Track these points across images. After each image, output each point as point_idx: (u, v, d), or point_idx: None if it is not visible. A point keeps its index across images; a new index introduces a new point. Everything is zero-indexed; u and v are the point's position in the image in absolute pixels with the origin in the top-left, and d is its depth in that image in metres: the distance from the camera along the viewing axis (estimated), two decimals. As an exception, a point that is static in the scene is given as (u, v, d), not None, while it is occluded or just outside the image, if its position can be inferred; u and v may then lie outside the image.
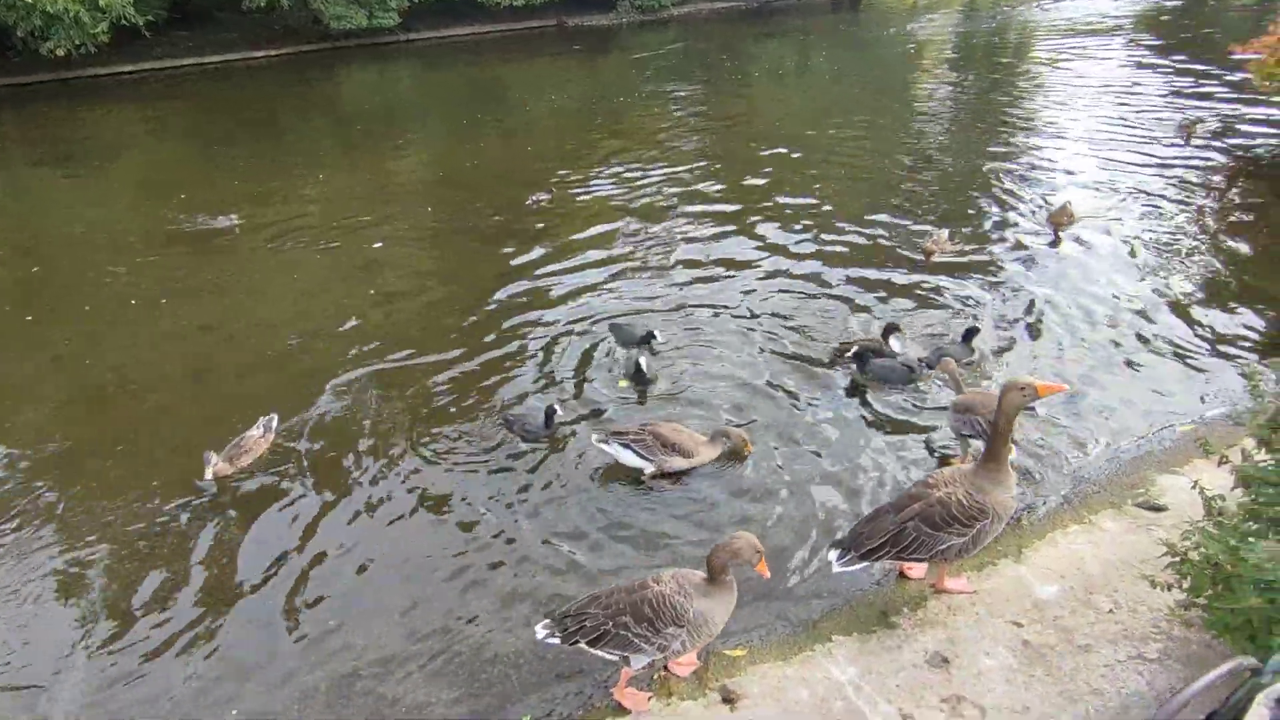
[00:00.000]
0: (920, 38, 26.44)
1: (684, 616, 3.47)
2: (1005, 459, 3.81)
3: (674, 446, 5.43)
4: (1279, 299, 7.17)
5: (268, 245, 10.57)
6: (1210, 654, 3.54)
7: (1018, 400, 3.75)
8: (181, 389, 7.25)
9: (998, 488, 3.79)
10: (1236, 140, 12.13)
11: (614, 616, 3.52)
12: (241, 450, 5.81)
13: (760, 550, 3.51)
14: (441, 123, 18.35)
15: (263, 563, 4.98)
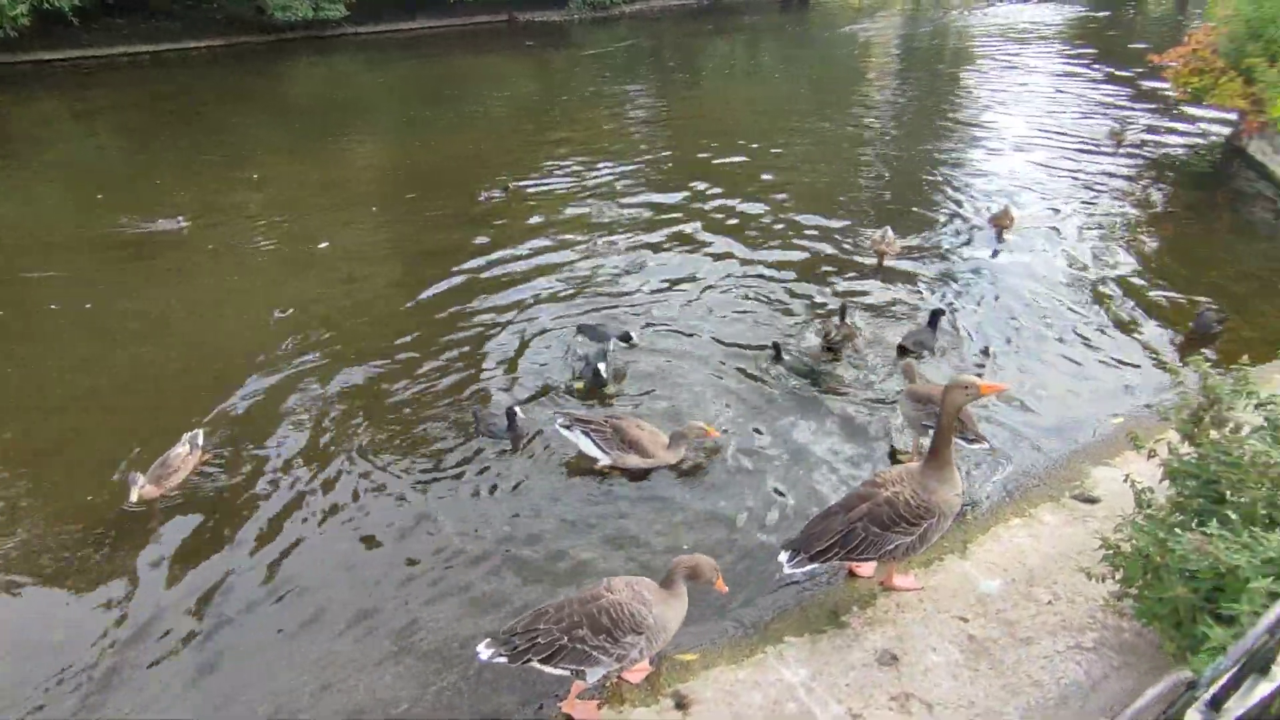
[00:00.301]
0: (865, 40, 26.94)
1: (643, 623, 3.45)
2: (950, 457, 3.89)
3: (632, 444, 5.41)
4: (1197, 296, 7.51)
5: (206, 246, 10.15)
6: (1141, 642, 3.68)
7: (960, 399, 3.84)
8: (107, 402, 6.85)
9: (943, 486, 3.87)
10: (1159, 144, 12.71)
11: (570, 630, 3.43)
12: (168, 470, 5.44)
13: (718, 571, 3.60)
14: (390, 118, 17.93)
15: (196, 586, 4.75)
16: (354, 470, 5.70)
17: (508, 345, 7.42)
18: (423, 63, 24.98)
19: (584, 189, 11.79)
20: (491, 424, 5.98)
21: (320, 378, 6.94)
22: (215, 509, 5.39)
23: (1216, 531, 3.12)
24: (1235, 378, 3.75)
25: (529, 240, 9.92)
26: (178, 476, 5.49)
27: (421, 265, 9.37)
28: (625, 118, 16.49)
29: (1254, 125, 11.23)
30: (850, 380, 6.60)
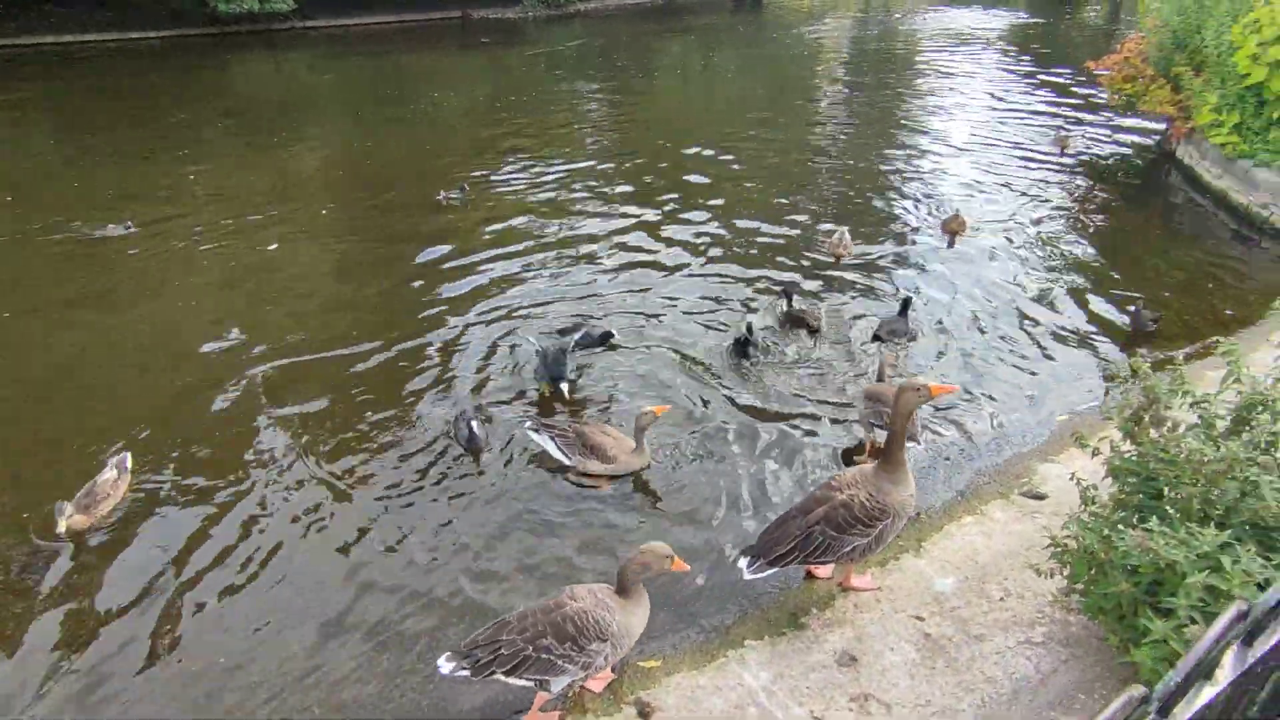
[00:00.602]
0: (816, 41, 27.36)
1: (607, 630, 3.42)
2: (903, 459, 3.96)
3: (594, 449, 5.39)
4: (1134, 295, 7.83)
5: (149, 249, 9.72)
6: (1087, 635, 3.80)
7: (912, 400, 3.92)
8: (36, 418, 6.43)
9: (898, 487, 3.93)
10: (1096, 149, 13.22)
11: (534, 640, 3.38)
12: (96, 497, 5.07)
13: (669, 554, 3.48)
14: (341, 115, 17.48)
15: (133, 620, 4.47)
16: (308, 483, 5.51)
17: (471, 348, 7.28)
18: (375, 59, 24.44)
19: (539, 189, 11.69)
20: (459, 432, 5.86)
21: (270, 386, 6.70)
22: (156, 533, 5.11)
23: (1156, 528, 3.24)
24: (1171, 377, 3.89)
25: (487, 241, 9.78)
26: (108, 503, 5.13)
27: (376, 267, 9.15)
28: (581, 117, 16.41)
29: (1181, 131, 11.76)
30: (813, 377, 6.70)
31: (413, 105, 17.90)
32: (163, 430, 6.11)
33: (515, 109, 17.32)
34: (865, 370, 6.77)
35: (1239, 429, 3.73)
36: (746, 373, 6.73)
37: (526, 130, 15.23)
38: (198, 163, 13.45)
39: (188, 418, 6.29)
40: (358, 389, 6.67)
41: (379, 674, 4.07)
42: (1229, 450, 3.37)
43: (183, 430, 6.11)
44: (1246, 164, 9.95)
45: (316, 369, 6.98)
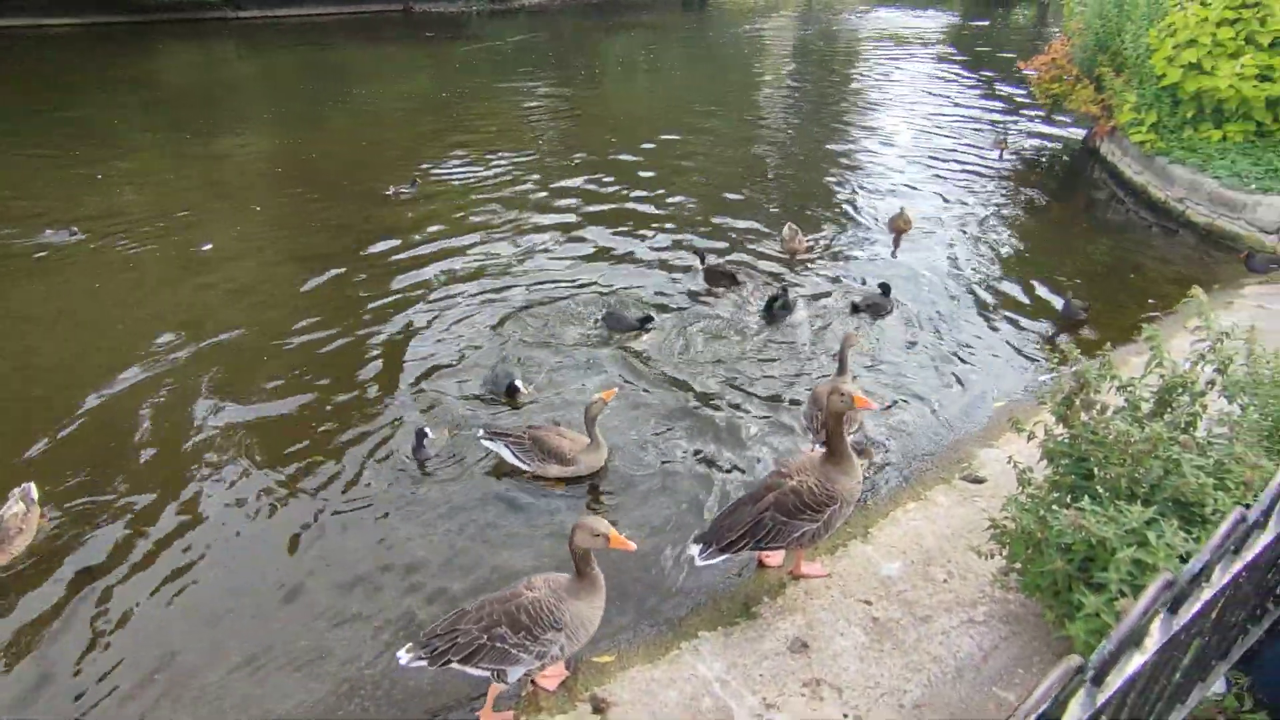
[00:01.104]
0: (760, 39, 27.69)
1: (561, 620, 3.39)
2: (845, 450, 4.04)
3: (552, 453, 5.32)
4: (1064, 286, 8.17)
5: (65, 252, 9.19)
6: (1025, 612, 3.95)
7: (838, 404, 3.98)
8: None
9: (844, 476, 4.02)
10: (1027, 147, 13.74)
11: (489, 629, 3.37)
12: (8, 533, 4.67)
13: (602, 532, 3.32)
14: (277, 109, 16.87)
15: (63, 648, 4.24)
16: (249, 498, 5.29)
17: (419, 351, 7.10)
18: (311, 51, 23.68)
19: (485, 184, 11.53)
20: (415, 447, 5.67)
21: (205, 393, 6.42)
22: (85, 555, 4.81)
23: (1088, 507, 3.38)
24: (1100, 362, 4.06)
25: (432, 237, 9.60)
26: (21, 540, 4.73)
27: (317, 266, 8.85)
28: (526, 112, 16.23)
29: (1104, 129, 12.32)
30: (771, 361, 6.83)
31: (353, 99, 17.42)
32: (90, 446, 5.80)
33: (459, 103, 17.01)
34: (823, 350, 6.91)
35: (1161, 410, 3.92)
36: (700, 376, 6.75)
37: (471, 125, 14.99)
38: (123, 159, 12.80)
39: (119, 432, 5.96)
40: (301, 393, 6.44)
41: (323, 684, 3.95)
42: (1153, 431, 3.53)
43: (113, 446, 5.79)
44: (1163, 161, 10.49)
45: (256, 373, 6.72)
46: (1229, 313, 7.06)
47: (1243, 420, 3.64)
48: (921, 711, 3.47)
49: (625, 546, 3.39)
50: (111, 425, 6.06)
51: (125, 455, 5.72)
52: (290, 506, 5.23)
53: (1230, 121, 10.14)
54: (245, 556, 4.84)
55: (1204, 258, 9.17)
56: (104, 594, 4.55)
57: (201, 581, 4.64)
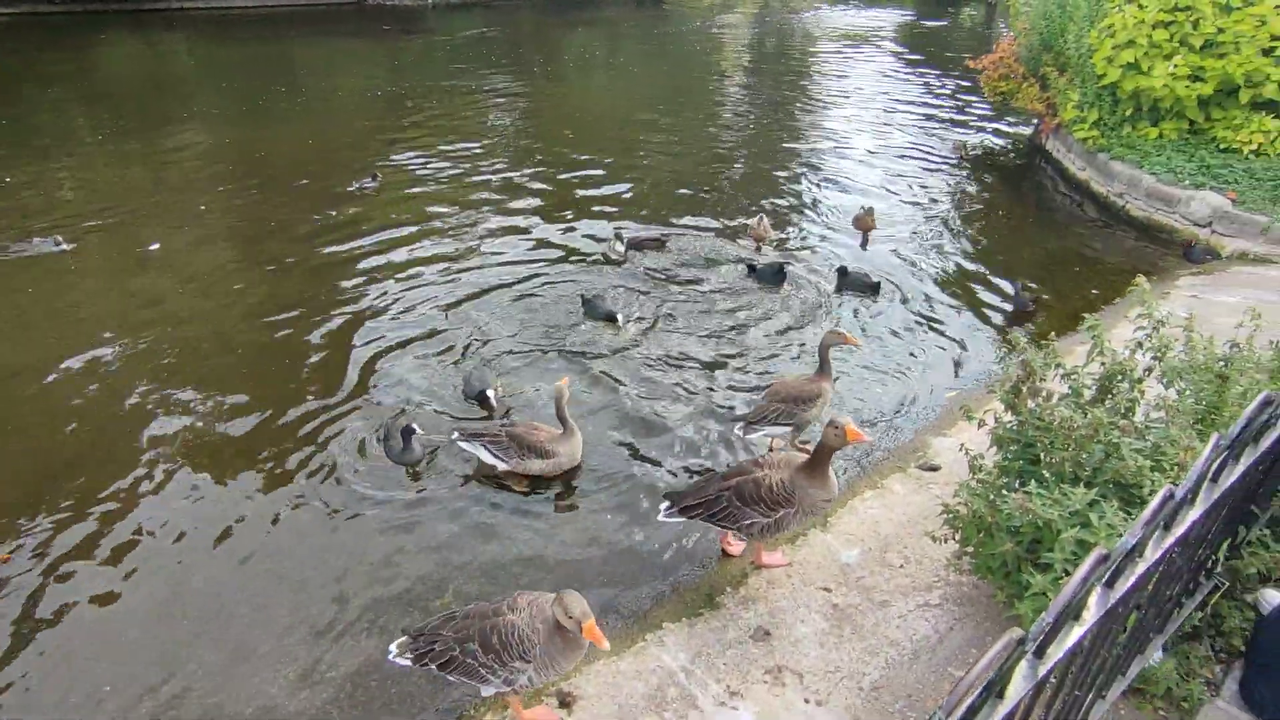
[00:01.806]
0: (717, 37, 27.85)
1: (530, 653, 3.24)
2: (826, 470, 4.01)
3: (531, 448, 5.26)
4: (1014, 278, 8.42)
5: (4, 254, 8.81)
6: (978, 594, 4.08)
7: (832, 440, 3.91)
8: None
9: (814, 489, 4.00)
10: (978, 143, 14.11)
11: (462, 643, 3.30)
12: None
13: (577, 618, 3.09)
14: (226, 103, 16.35)
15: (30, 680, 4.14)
16: (215, 512, 5.13)
17: (385, 353, 6.97)
18: (260, 44, 23.03)
19: (441, 181, 11.38)
20: (390, 444, 5.52)
21: (160, 404, 6.21)
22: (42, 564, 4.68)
23: (1035, 490, 3.51)
24: (1045, 351, 4.21)
25: (387, 233, 9.44)
26: None
27: (273, 263, 8.65)
28: (484, 107, 16.07)
29: (1049, 126, 12.72)
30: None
31: (304, 93, 17.02)
32: (36, 452, 5.58)
33: (415, 99, 16.75)
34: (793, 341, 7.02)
35: (1103, 397, 4.08)
36: (683, 365, 6.81)
37: (427, 121, 14.77)
38: (63, 155, 12.30)
39: (64, 438, 5.76)
40: (260, 398, 6.28)
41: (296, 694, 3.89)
42: (1094, 416, 3.68)
43: (59, 452, 5.59)
44: (1104, 157, 10.88)
45: (213, 380, 6.54)
46: (1165, 303, 7.37)
47: (1178, 404, 3.81)
48: (880, 693, 3.57)
49: (598, 642, 3.05)
50: (55, 430, 5.85)
51: (71, 462, 5.52)
52: (256, 519, 5.11)
53: (1165, 120, 10.57)
54: (191, 564, 4.72)
55: (1143, 250, 9.55)
56: (71, 606, 4.39)
57: (162, 603, 4.51)
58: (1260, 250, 8.80)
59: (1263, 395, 2.33)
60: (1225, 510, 2.69)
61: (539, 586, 4.46)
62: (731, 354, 7.05)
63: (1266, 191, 9.27)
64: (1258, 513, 3.37)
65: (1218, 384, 3.91)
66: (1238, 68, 9.60)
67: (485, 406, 6.14)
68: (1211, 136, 10.30)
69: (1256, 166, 9.66)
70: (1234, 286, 7.90)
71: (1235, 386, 3.85)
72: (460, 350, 7.01)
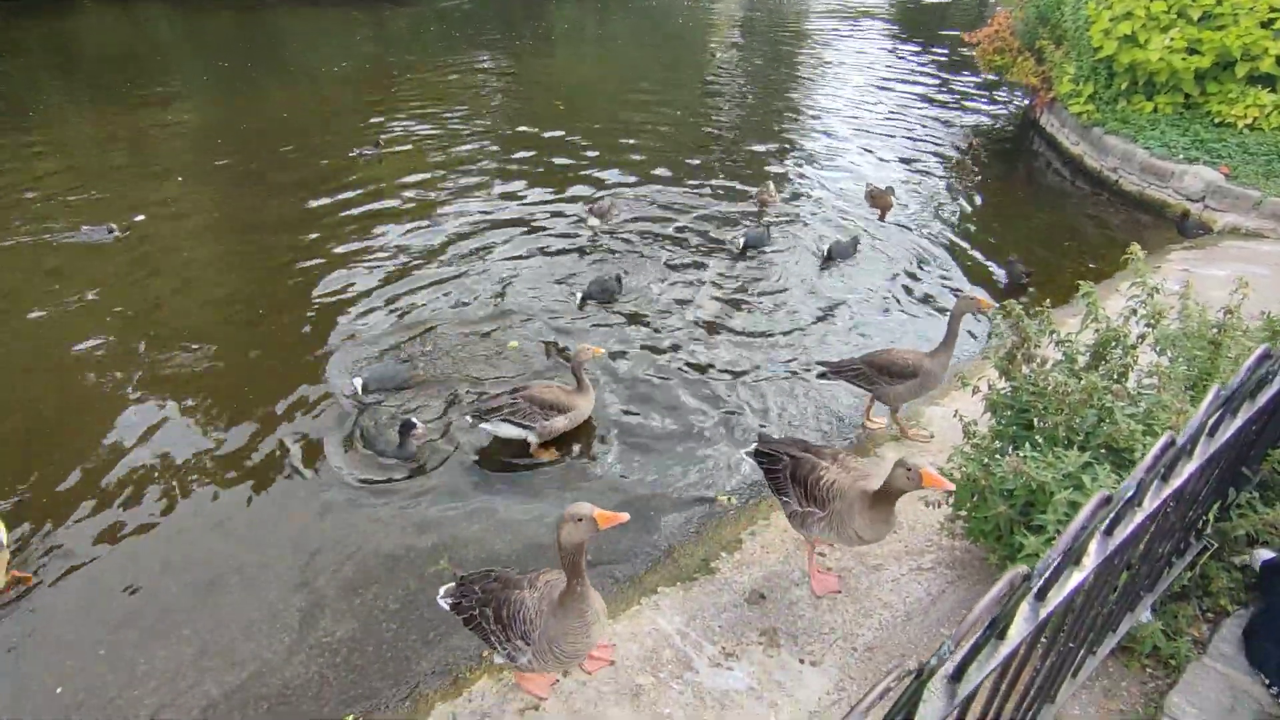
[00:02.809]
0: (709, 9, 27.47)
1: (530, 635, 3.13)
2: (887, 515, 3.61)
3: (552, 406, 5.17)
4: (1009, 250, 8.42)
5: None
6: (970, 557, 4.12)
7: (903, 483, 3.46)
8: None
9: (861, 521, 3.62)
10: (974, 117, 14.04)
11: (482, 605, 3.29)
12: None
13: (579, 515, 2.87)
14: (210, 75, 16.04)
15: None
16: (220, 507, 5.00)
17: (376, 332, 6.86)
18: (242, 15, 22.51)
19: (431, 153, 11.24)
20: (378, 443, 5.29)
21: (154, 387, 6.10)
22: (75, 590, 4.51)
23: (1029, 454, 3.53)
24: (1040, 319, 4.22)
25: (382, 208, 9.34)
26: None
27: (261, 240, 8.53)
28: (475, 80, 15.84)
29: (1044, 100, 12.65)
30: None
31: (289, 65, 16.71)
32: (24, 438, 5.51)
33: (404, 72, 16.48)
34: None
35: (1096, 363, 4.10)
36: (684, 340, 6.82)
37: (416, 94, 14.54)
38: (39, 129, 12.04)
39: (65, 445, 5.54)
40: (253, 383, 6.15)
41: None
42: (1088, 381, 3.69)
43: (61, 461, 5.34)
44: (1099, 131, 10.85)
45: (206, 360, 6.43)
46: (1159, 275, 7.38)
47: (1170, 371, 3.83)
48: (874, 653, 3.60)
49: (616, 519, 2.90)
50: (39, 414, 5.77)
51: (63, 449, 5.45)
52: (261, 514, 5.08)
53: (1161, 94, 10.53)
54: (179, 541, 4.70)
55: (1135, 224, 9.56)
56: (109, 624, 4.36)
57: (186, 610, 4.48)
58: (1252, 225, 8.83)
59: (1262, 348, 2.33)
60: (1219, 468, 2.71)
61: (532, 560, 4.48)
62: (724, 325, 7.04)
63: (1260, 166, 9.27)
64: (1249, 475, 3.40)
65: (1210, 350, 3.93)
66: (1236, 40, 9.55)
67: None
68: (1206, 111, 10.27)
69: (1250, 141, 9.66)
70: (1225, 261, 7.93)
71: (1229, 353, 3.87)
72: (452, 334, 6.92)
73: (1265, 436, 3.23)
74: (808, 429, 5.66)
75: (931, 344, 5.36)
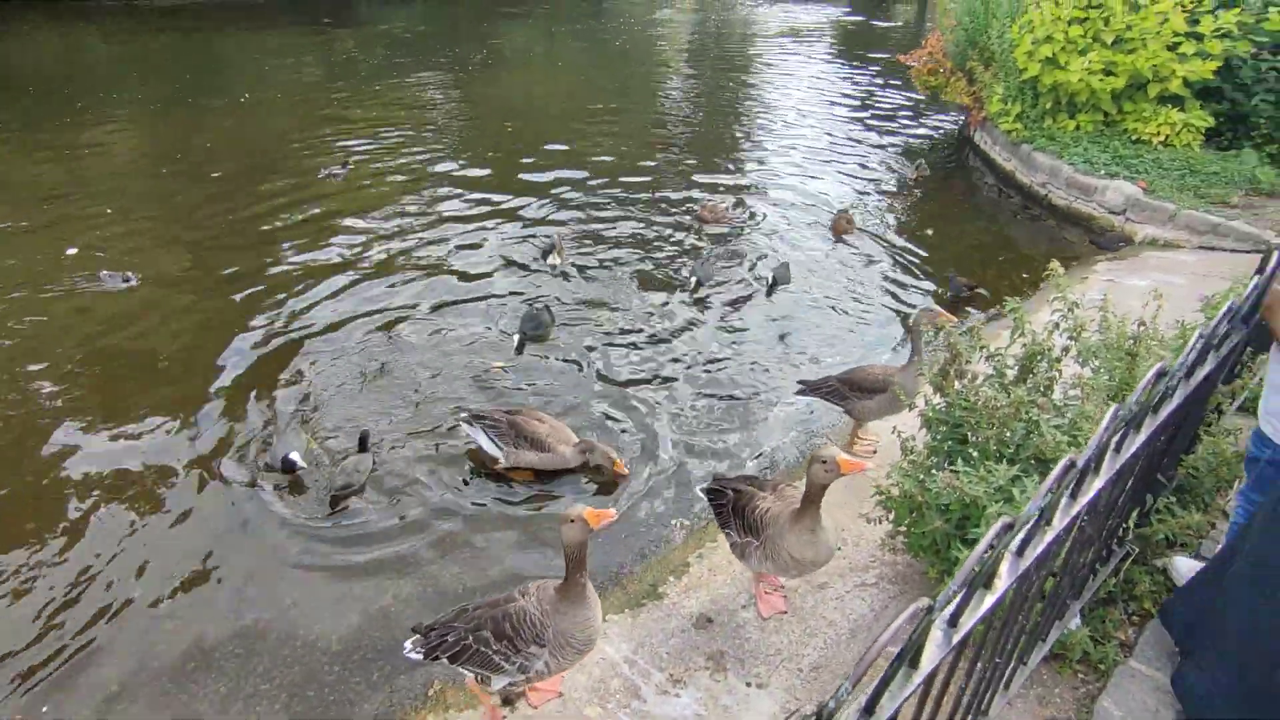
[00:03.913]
0: (658, 31, 27.92)
1: (544, 635, 3.17)
2: (813, 520, 3.56)
3: (529, 439, 5.14)
4: (948, 264, 8.70)
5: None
6: (912, 571, 4.20)
7: (821, 476, 3.48)
8: None
9: (792, 538, 3.56)
10: (911, 135, 14.51)
11: (475, 631, 3.26)
12: None
13: (573, 516, 3.05)
14: (150, 96, 15.56)
15: None
16: (137, 546, 4.90)
17: (326, 359, 6.77)
18: (183, 38, 21.98)
19: (379, 177, 11.10)
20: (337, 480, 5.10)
21: (79, 424, 5.88)
22: None
23: (962, 469, 3.63)
24: (971, 334, 4.36)
25: (324, 233, 9.16)
26: None
27: (210, 265, 8.24)
28: (426, 101, 15.73)
29: (977, 119, 13.16)
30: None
31: (231, 88, 16.34)
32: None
33: (353, 92, 16.27)
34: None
35: (1024, 376, 4.25)
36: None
37: (363, 116, 14.37)
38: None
39: None
40: (195, 418, 5.95)
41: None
42: (1016, 395, 3.83)
43: None
44: (1028, 148, 11.32)
45: (147, 393, 6.22)
46: (1084, 287, 7.72)
47: (1093, 382, 3.99)
48: (819, 673, 3.64)
49: (606, 516, 3.08)
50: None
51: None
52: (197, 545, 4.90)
53: (1082, 112, 11.06)
54: (117, 589, 4.50)
55: (1064, 237, 9.98)
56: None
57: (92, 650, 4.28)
58: (1169, 235, 9.30)
59: (1157, 366, 2.45)
60: (1131, 479, 2.82)
61: (483, 589, 4.42)
62: (679, 355, 7.07)
63: (1174, 180, 9.79)
64: (1164, 481, 3.55)
65: (1128, 361, 4.11)
66: (1146, 63, 10.09)
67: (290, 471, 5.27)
68: (1124, 128, 10.82)
69: (1164, 157, 10.19)
70: (1146, 270, 8.33)
71: (1144, 363, 4.06)
72: (397, 363, 6.83)
73: (1176, 445, 3.38)
74: (761, 460, 5.68)
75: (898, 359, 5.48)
